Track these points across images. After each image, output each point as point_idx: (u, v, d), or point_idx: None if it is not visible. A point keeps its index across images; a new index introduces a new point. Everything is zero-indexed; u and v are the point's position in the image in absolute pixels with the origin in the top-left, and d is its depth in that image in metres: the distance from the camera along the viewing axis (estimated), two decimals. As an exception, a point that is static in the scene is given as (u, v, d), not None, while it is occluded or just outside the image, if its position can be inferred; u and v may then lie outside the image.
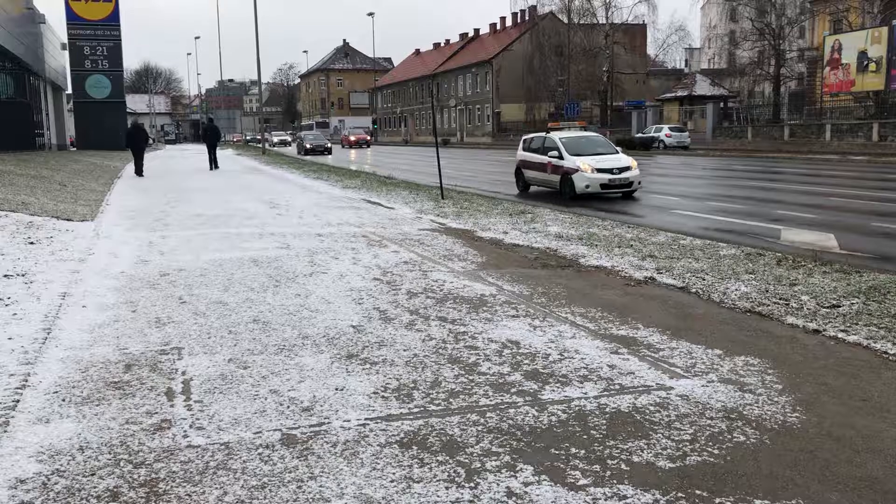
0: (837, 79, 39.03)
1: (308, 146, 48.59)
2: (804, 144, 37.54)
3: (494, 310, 6.34)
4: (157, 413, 4.13)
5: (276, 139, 70.50)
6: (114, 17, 47.99)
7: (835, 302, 6.34)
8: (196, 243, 10.06)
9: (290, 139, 72.21)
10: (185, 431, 3.87)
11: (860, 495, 3.18)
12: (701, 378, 4.60)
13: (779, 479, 3.31)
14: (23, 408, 4.20)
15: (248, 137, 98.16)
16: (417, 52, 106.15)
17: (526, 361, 4.96)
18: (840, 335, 5.42)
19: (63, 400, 4.32)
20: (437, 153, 17.66)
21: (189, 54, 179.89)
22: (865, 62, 36.87)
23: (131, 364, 4.97)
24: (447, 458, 3.54)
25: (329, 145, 49.80)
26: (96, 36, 47.76)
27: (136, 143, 26.43)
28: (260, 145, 54.40)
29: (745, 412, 4.06)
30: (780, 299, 6.48)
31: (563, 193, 16.97)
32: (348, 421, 3.98)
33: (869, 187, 17.56)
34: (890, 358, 4.93)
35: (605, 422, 3.95)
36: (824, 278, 7.29)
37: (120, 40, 48.61)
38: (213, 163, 29.57)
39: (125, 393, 4.44)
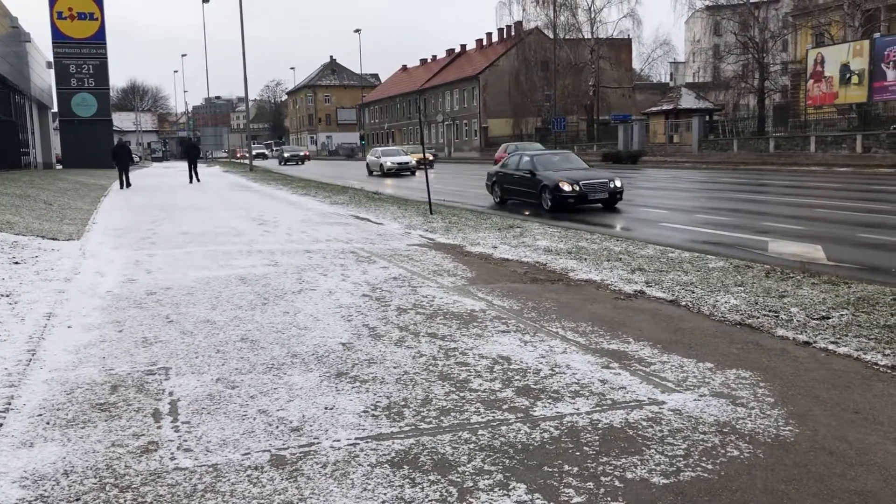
0: (821, 91, 39.42)
1: (584, 193, 17.08)
2: (789, 156, 37.83)
3: (485, 325, 6.31)
4: (143, 435, 4.06)
5: (388, 162, 39.15)
6: (100, 36, 47.87)
7: (824, 313, 6.35)
8: (183, 261, 9.99)
9: (413, 161, 39.65)
10: (172, 453, 3.81)
11: (855, 509, 3.16)
12: (693, 392, 4.58)
13: (774, 494, 3.29)
14: (6, 431, 4.12)
15: (259, 152, 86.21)
16: (404, 67, 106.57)
17: (517, 377, 4.93)
18: (830, 347, 5.42)
19: (47, 423, 4.25)
20: (426, 168, 17.68)
21: (176, 72, 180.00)
22: (848, 75, 37.28)
23: (117, 385, 4.90)
24: (439, 477, 3.50)
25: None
26: (82, 54, 47.61)
27: (120, 160, 28.95)
28: (280, 164, 53.12)
29: (737, 426, 4.04)
30: (770, 311, 6.48)
31: None
32: (338, 441, 3.93)
33: (854, 198, 17.70)
34: (880, 369, 4.93)
35: (597, 438, 3.92)
36: (813, 290, 7.31)
37: (106, 58, 48.47)
38: (194, 176, 32.55)
39: (111, 415, 4.37)
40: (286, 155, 67.69)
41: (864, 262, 9.75)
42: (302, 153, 69.92)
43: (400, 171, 38.83)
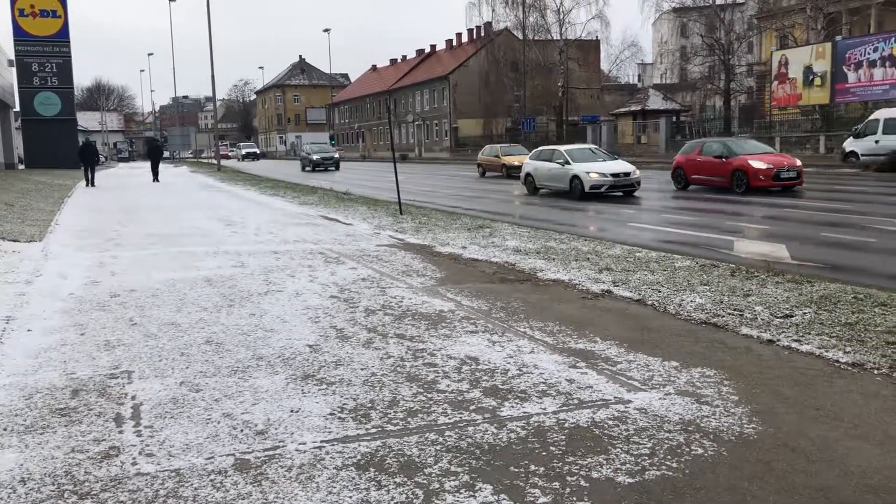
0: (785, 93, 40.01)
1: None
2: (755, 157, 38.32)
3: (453, 326, 6.30)
4: (104, 440, 3.99)
5: (594, 174, 20.03)
6: (63, 34, 47.08)
7: (788, 312, 6.44)
8: (148, 263, 9.85)
9: (637, 172, 20.74)
10: (133, 459, 3.75)
11: (816, 505, 3.20)
12: (658, 391, 4.62)
13: (737, 492, 3.32)
14: (-38, 438, 4.02)
15: (249, 152, 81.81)
16: (374, 67, 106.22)
17: (485, 378, 4.93)
18: (793, 345, 5.50)
19: (4, 429, 4.15)
20: (395, 168, 17.64)
21: (142, 71, 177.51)
22: (811, 77, 37.88)
23: (78, 389, 4.81)
24: (405, 479, 3.48)
25: None
26: (45, 53, 46.78)
27: (86, 159, 29.76)
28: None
29: (702, 424, 4.07)
30: (735, 310, 6.56)
31: None
32: (304, 444, 3.89)
33: (817, 198, 17.99)
34: (841, 366, 5.01)
35: (564, 437, 3.93)
36: (777, 289, 7.41)
37: (70, 57, 47.68)
38: (155, 176, 33.48)
39: (71, 420, 4.28)
40: (315, 157, 47.22)
41: (827, 260, 9.91)
42: (336, 154, 49.76)
43: (613, 190, 20.02)
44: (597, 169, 20.32)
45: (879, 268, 9.30)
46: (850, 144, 26.88)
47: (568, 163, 20.87)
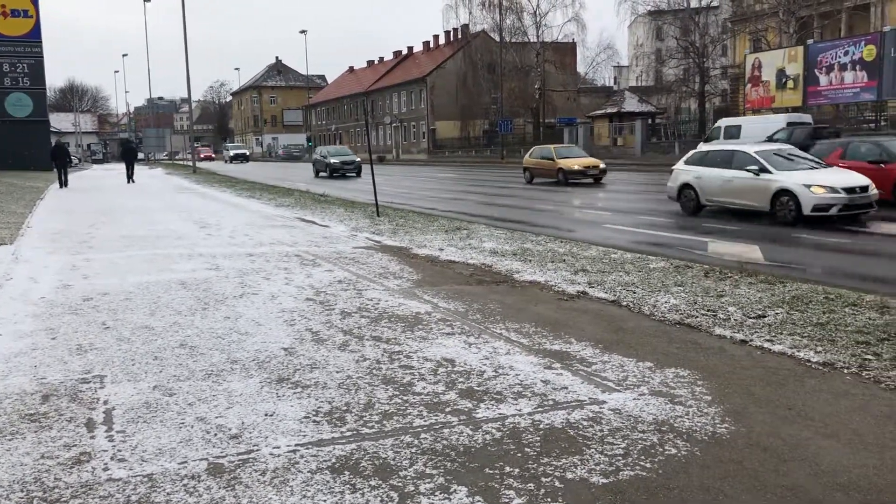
0: (758, 95, 40.47)
1: None
2: (729, 159, 38.69)
3: (430, 328, 6.30)
4: (75, 446, 3.94)
5: (816, 189, 13.25)
6: (35, 34, 46.39)
7: (760, 312, 6.51)
8: (122, 266, 9.74)
9: (871, 185, 13.74)
10: (105, 464, 3.70)
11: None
12: (633, 391, 4.65)
13: (710, 492, 3.35)
14: (-72, 445, 3.95)
15: (238, 153, 79.57)
16: (351, 69, 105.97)
17: (461, 380, 4.93)
18: (766, 345, 5.56)
19: (-27, 435, 4.09)
20: (372, 170, 17.59)
21: (117, 72, 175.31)
22: (784, 79, 38.37)
23: (49, 394, 4.75)
24: (380, 482, 3.47)
25: None
26: (16, 53, 46.06)
27: (59, 160, 30.64)
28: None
29: (675, 424, 4.11)
30: (708, 311, 6.62)
31: None
32: (278, 447, 3.87)
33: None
34: (812, 366, 5.08)
35: (539, 439, 3.94)
36: (750, 289, 7.49)
37: (42, 57, 46.99)
38: (130, 177, 34.05)
39: (41, 425, 4.22)
40: (333, 161, 39.17)
41: (799, 261, 10.04)
42: (357, 158, 41.07)
43: (845, 211, 13.45)
44: (821, 181, 13.62)
45: None
46: (701, 147, 29.29)
47: (765, 171, 14.28)
